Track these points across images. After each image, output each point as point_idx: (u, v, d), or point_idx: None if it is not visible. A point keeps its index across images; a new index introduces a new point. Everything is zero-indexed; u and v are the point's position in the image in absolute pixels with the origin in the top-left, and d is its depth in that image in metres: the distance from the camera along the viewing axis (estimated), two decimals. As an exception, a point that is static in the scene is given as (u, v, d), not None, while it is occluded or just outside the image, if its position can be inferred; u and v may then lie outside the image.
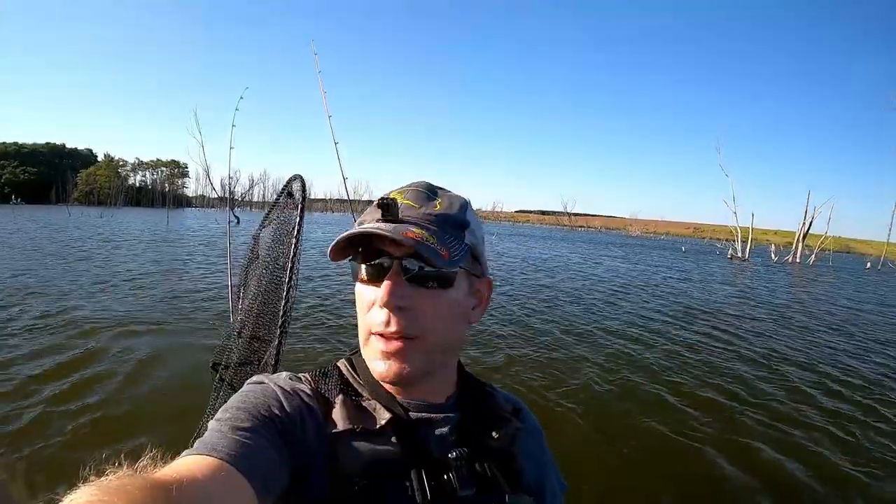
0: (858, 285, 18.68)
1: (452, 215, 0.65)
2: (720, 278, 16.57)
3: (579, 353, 5.66)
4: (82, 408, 3.47)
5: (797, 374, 5.44)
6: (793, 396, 4.71)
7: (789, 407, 4.41)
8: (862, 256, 56.06)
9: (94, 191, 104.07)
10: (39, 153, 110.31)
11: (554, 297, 9.62)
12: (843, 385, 5.16)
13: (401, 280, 0.60)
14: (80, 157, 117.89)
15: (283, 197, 1.59)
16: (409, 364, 0.61)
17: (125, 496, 0.36)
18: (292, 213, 1.52)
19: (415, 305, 0.60)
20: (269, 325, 1.58)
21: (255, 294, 1.63)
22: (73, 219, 32.94)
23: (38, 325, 5.51)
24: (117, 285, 8.25)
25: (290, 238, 1.47)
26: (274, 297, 1.56)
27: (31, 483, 2.50)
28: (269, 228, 1.66)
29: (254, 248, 1.74)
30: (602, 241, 48.15)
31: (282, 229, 1.57)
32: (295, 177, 1.53)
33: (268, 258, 1.61)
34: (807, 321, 9.04)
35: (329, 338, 5.60)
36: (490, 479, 0.62)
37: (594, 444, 3.50)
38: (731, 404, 4.36)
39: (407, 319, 0.60)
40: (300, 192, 1.52)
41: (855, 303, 12.93)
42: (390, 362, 0.61)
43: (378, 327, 0.60)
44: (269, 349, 1.55)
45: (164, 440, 1.17)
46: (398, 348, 0.60)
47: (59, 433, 3.10)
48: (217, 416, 0.57)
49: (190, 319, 6.15)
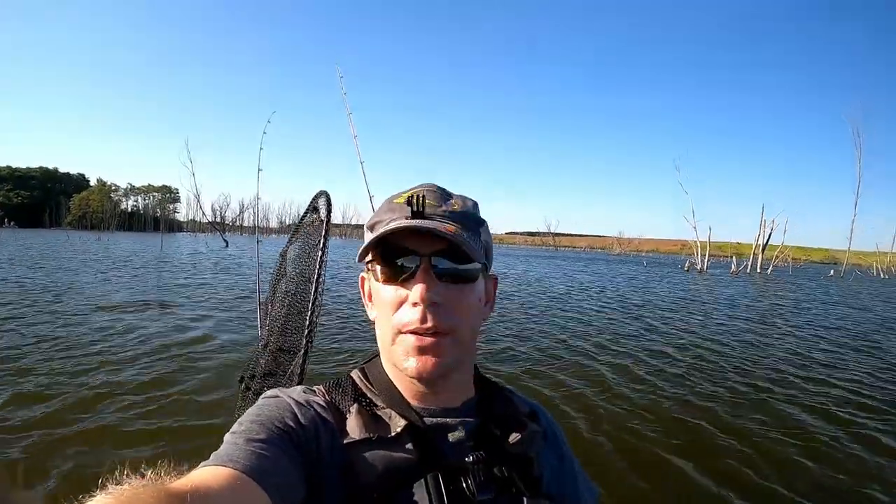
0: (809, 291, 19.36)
1: (470, 213, 0.65)
2: (656, 286, 18.05)
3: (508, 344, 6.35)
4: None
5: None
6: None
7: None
8: (813, 266, 58.57)
9: (86, 215, 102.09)
10: (32, 177, 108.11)
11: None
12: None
13: (433, 277, 0.59)
14: (72, 181, 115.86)
15: (309, 213, 1.58)
16: (443, 358, 0.59)
17: None
18: (318, 228, 1.51)
19: (447, 301, 0.59)
20: (295, 337, 1.56)
21: (282, 308, 1.60)
22: (83, 242, 33.16)
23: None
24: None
25: (316, 251, 1.46)
26: (299, 310, 1.54)
27: (53, 495, 2.40)
28: (296, 245, 1.64)
29: (281, 264, 1.72)
30: (576, 257, 52.19)
31: (307, 244, 1.55)
32: (320, 193, 1.52)
33: (294, 273, 1.58)
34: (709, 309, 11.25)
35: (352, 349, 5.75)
36: (508, 484, 0.60)
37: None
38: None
39: (441, 315, 0.58)
40: (325, 207, 1.51)
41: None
42: (425, 357, 0.59)
43: (412, 325, 0.59)
44: (294, 360, 1.53)
45: (188, 450, 1.15)
46: (433, 343, 0.59)
47: (87, 436, 3.03)
48: (233, 428, 0.56)
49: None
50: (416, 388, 0.64)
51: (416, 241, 0.59)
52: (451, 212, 0.63)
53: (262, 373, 1.64)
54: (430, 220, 0.60)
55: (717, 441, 3.55)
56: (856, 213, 36.08)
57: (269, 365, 1.63)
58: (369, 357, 0.71)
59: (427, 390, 0.64)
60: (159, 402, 3.62)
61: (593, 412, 3.96)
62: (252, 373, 1.68)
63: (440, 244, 0.59)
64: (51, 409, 3.38)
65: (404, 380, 0.64)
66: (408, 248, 0.60)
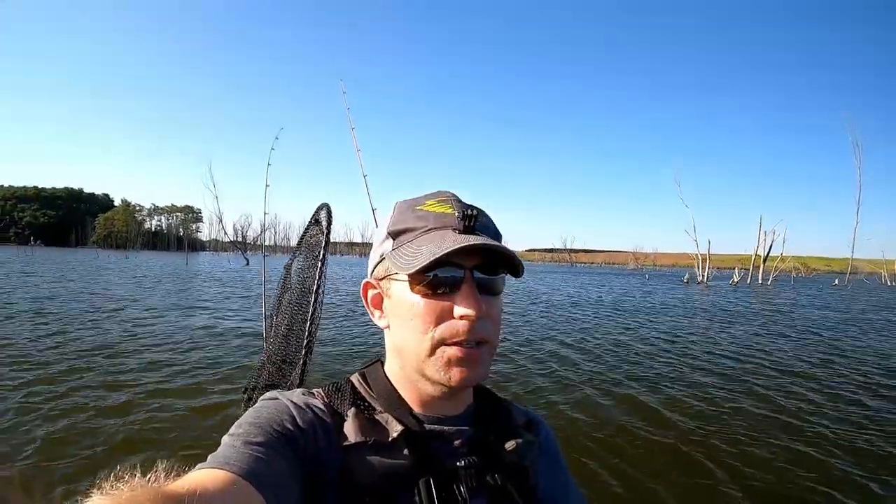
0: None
1: (493, 225, 0.64)
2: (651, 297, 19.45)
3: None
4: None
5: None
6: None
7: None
8: (827, 275, 58.92)
9: (111, 234, 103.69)
10: (58, 197, 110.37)
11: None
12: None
13: (476, 290, 0.58)
14: (97, 201, 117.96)
15: (311, 225, 1.57)
16: (483, 368, 0.59)
17: None
18: (319, 239, 1.50)
19: (488, 313, 0.59)
20: (296, 347, 1.54)
21: (284, 320, 1.59)
22: (120, 261, 35.97)
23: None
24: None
25: (316, 262, 1.45)
26: (301, 322, 1.52)
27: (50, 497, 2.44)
28: (300, 258, 1.63)
29: (286, 277, 1.70)
30: (590, 272, 56.95)
31: (309, 255, 1.54)
32: (322, 205, 1.51)
33: (297, 285, 1.57)
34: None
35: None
36: (502, 492, 0.60)
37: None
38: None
39: (484, 327, 0.58)
40: (326, 219, 1.50)
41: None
42: (467, 368, 0.58)
43: (459, 336, 0.57)
44: (294, 371, 1.50)
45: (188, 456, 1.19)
46: (475, 354, 0.58)
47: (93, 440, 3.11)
48: (230, 431, 0.55)
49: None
50: (428, 396, 0.63)
51: (460, 255, 0.57)
52: (482, 224, 0.62)
53: (265, 384, 1.62)
54: (477, 234, 0.59)
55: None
56: (857, 221, 35.84)
57: (272, 377, 1.61)
58: (369, 362, 0.71)
59: (440, 399, 0.63)
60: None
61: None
62: (255, 384, 1.65)
63: (479, 257, 0.58)
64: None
65: (415, 387, 0.63)
66: (452, 261, 0.57)
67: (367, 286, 0.68)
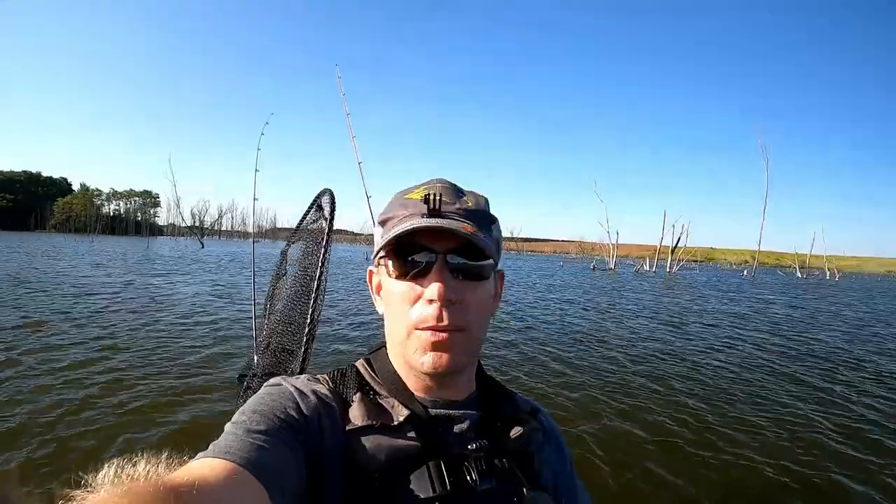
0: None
1: (482, 210, 0.63)
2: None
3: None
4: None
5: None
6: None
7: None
8: (728, 265, 63.55)
9: (70, 219, 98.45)
10: (17, 181, 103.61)
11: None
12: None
13: (448, 274, 0.57)
14: (55, 185, 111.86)
15: (312, 210, 1.51)
16: (457, 354, 0.58)
17: (135, 499, 0.33)
18: (321, 225, 1.44)
19: (462, 298, 0.57)
20: (297, 337, 1.49)
21: (284, 308, 1.52)
22: (80, 246, 33.63)
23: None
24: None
25: (319, 248, 1.40)
26: (302, 308, 1.47)
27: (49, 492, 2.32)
28: (298, 244, 1.56)
29: (282, 263, 1.64)
30: (527, 259, 59.14)
31: (311, 241, 1.47)
32: (324, 191, 1.46)
33: (297, 271, 1.51)
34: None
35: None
36: (509, 475, 0.59)
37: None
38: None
39: (457, 312, 0.57)
40: (329, 205, 1.44)
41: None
42: (440, 354, 0.57)
43: (428, 321, 0.56)
44: (294, 360, 1.46)
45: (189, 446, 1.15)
46: (448, 340, 0.57)
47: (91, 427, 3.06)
48: (234, 418, 0.54)
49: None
50: (424, 382, 0.62)
51: (431, 238, 0.57)
52: (465, 209, 0.61)
53: (263, 372, 1.56)
54: (446, 217, 0.58)
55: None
56: (764, 217, 38.84)
57: (270, 365, 1.56)
58: (374, 348, 0.69)
59: (435, 384, 0.62)
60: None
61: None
62: (253, 371, 1.60)
63: (454, 241, 0.57)
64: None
65: (412, 373, 0.62)
66: (423, 245, 0.57)
67: (371, 274, 0.68)
